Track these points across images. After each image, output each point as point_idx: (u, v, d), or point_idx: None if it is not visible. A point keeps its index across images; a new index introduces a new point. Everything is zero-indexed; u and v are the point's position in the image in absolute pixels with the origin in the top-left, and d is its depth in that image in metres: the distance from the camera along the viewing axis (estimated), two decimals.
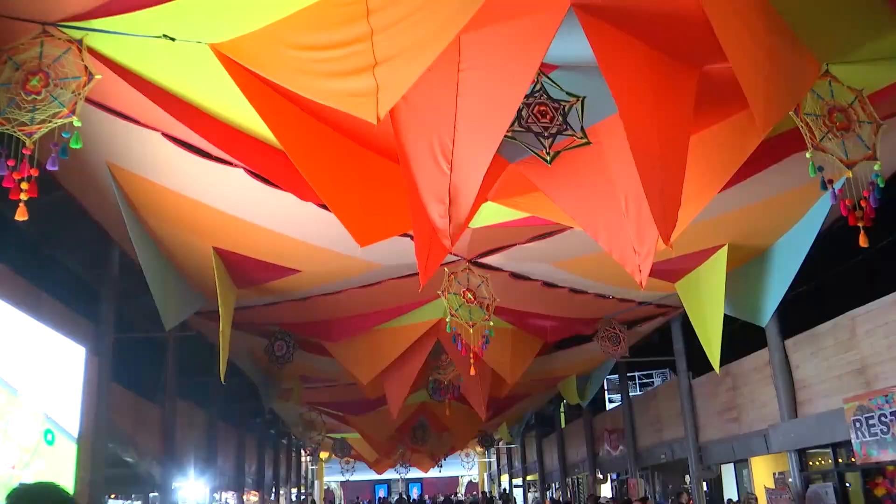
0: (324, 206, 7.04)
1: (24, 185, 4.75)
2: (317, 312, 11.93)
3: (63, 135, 4.81)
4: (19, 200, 4.79)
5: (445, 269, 9.55)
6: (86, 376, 8.45)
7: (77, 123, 4.76)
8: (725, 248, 9.32)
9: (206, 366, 9.58)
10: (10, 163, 4.70)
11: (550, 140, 5.02)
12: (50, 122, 4.74)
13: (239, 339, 12.86)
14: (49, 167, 4.87)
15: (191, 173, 7.29)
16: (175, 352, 16.61)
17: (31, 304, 8.46)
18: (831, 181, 5.47)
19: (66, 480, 7.82)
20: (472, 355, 10.35)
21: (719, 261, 9.47)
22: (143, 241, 8.38)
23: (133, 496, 18.47)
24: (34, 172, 4.78)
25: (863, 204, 5.47)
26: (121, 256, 11.04)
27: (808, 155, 5.31)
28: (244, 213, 8.16)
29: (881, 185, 5.42)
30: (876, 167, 5.35)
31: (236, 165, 6.88)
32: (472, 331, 9.78)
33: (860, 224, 5.51)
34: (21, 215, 4.79)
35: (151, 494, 17.02)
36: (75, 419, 8.14)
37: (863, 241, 5.53)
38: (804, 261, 8.91)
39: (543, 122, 4.98)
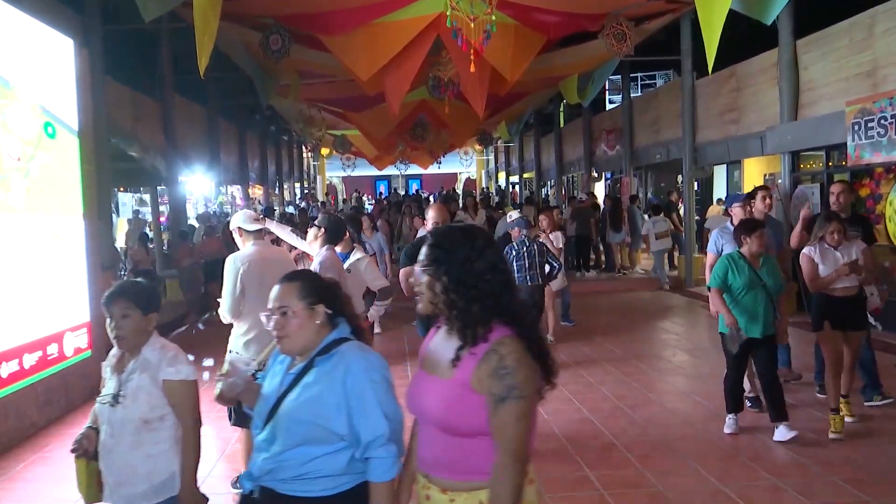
0: None
1: None
2: (312, 4, 11.41)
3: None
4: None
5: None
6: (78, 70, 8.25)
7: None
8: None
9: None
10: None
11: None
12: None
13: (232, 32, 12.45)
14: None
15: None
16: (169, 46, 16.29)
17: None
18: None
19: (73, 173, 7.97)
20: (472, 51, 10.08)
21: None
22: None
23: (141, 189, 19.13)
24: None
25: None
26: None
27: None
28: None
29: None
30: None
31: None
32: (473, 25, 9.43)
33: None
34: None
35: (159, 188, 17.59)
36: (74, 113, 8.10)
37: None
38: None
39: None
